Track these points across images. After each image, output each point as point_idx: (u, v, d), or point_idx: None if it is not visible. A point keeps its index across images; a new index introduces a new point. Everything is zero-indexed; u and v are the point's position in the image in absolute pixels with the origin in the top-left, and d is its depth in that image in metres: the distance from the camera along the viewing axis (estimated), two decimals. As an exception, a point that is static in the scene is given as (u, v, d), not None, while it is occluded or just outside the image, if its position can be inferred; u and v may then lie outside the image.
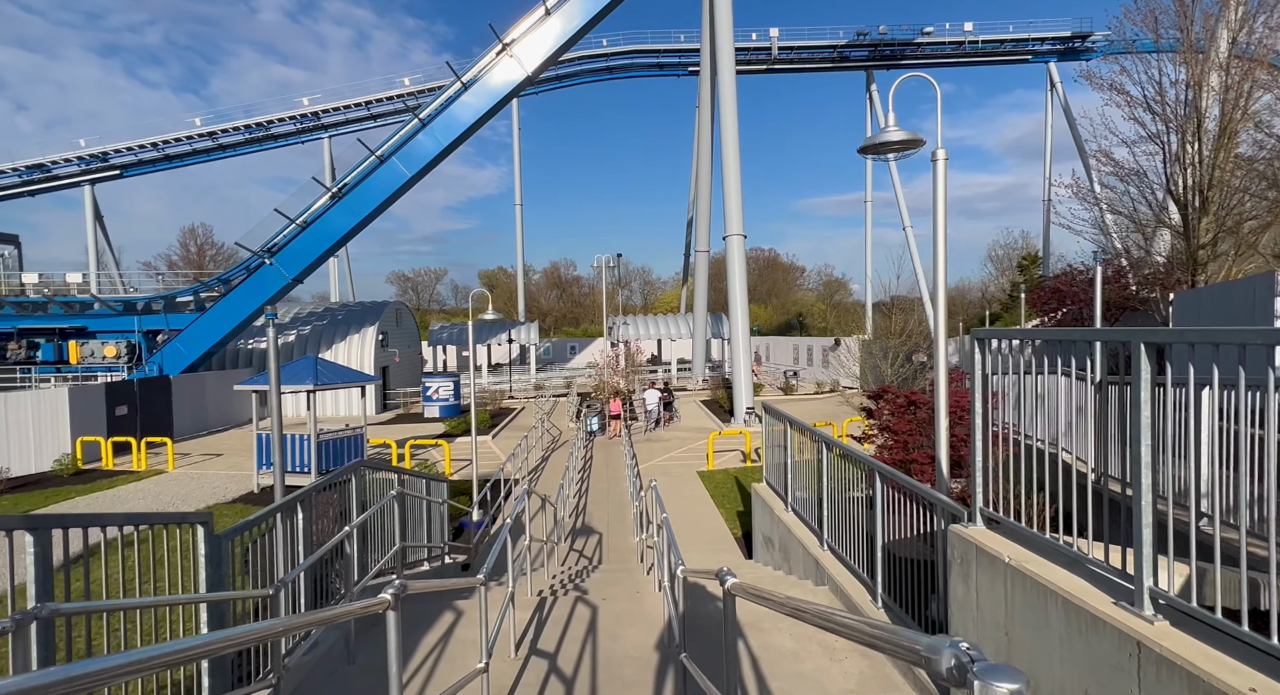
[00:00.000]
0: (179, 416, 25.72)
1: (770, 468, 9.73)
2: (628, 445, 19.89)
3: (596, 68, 49.66)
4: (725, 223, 25.75)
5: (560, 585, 7.63)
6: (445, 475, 17.40)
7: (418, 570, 8.04)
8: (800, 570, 7.47)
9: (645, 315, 57.58)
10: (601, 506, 14.15)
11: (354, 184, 28.04)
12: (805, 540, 7.37)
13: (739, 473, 16.82)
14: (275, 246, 27.87)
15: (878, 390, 8.40)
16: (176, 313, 28.38)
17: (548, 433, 24.79)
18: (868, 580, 5.72)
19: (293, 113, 46.61)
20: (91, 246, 47.03)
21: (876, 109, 50.05)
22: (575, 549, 11.39)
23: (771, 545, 8.94)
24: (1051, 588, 3.10)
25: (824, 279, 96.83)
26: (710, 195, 37.27)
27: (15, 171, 44.17)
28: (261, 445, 16.27)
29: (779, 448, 9.04)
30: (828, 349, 36.25)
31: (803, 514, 7.86)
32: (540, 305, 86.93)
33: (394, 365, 35.89)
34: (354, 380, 17.13)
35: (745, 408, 23.77)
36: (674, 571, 4.51)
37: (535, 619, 5.78)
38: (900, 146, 5.17)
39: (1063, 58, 48.56)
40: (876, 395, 8.54)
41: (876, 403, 8.59)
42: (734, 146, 25.87)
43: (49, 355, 26.60)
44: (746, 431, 18.92)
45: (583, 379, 38.04)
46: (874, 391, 8.53)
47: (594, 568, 9.84)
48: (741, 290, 24.98)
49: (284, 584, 3.95)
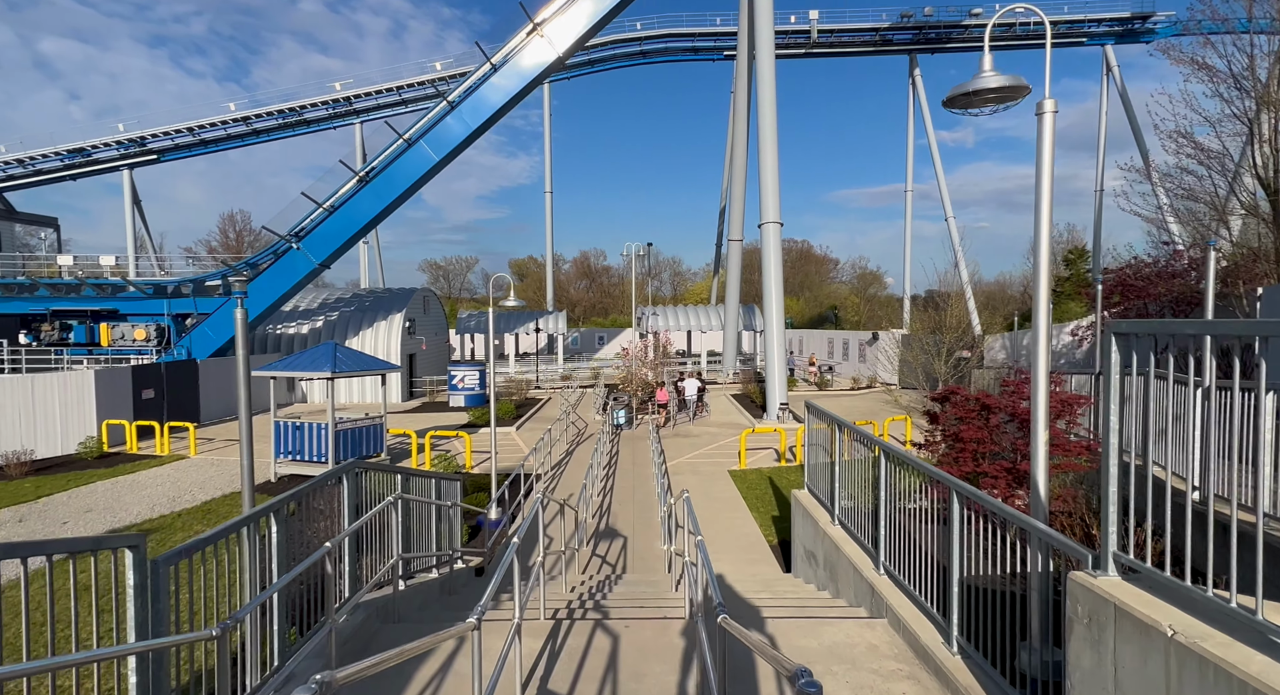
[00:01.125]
0: (206, 401, 25.63)
1: (812, 472, 8.83)
2: (655, 441, 19.08)
3: (629, 52, 48.55)
4: (761, 210, 24.67)
5: (579, 602, 6.86)
6: (465, 469, 16.80)
7: (423, 580, 7.34)
8: (850, 593, 6.58)
9: (675, 306, 56.59)
10: (627, 507, 13.38)
11: (381, 168, 27.56)
12: (856, 560, 6.48)
13: (773, 473, 15.91)
14: (302, 231, 27.58)
15: (944, 391, 7.42)
16: (205, 297, 28.31)
17: (573, 425, 24.12)
18: (938, 618, 4.82)
19: (325, 98, 46.48)
20: (130, 231, 47.63)
21: (920, 94, 48.12)
22: (598, 554, 10.63)
23: (814, 560, 8.05)
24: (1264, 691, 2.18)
25: (858, 272, 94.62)
26: (745, 183, 36.10)
27: (57, 155, 44.80)
28: (279, 434, 15.84)
29: (822, 450, 8.14)
30: (865, 343, 34.93)
31: (853, 529, 6.96)
32: (569, 295, 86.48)
33: (420, 353, 35.59)
34: (375, 368, 16.61)
35: (779, 403, 22.77)
36: (711, 607, 3.67)
37: (547, 650, 5.00)
38: (998, 96, 4.22)
39: (1121, 40, 46.07)
40: (943, 397, 7.55)
41: (942, 405, 7.60)
42: (772, 131, 24.72)
43: (81, 337, 26.72)
44: (781, 429, 17.98)
45: (610, 370, 37.33)
46: (940, 393, 7.55)
47: (617, 578, 9.06)
48: (777, 280, 23.92)
49: (235, 621, 3.20)
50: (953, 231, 45.16)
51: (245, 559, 4.25)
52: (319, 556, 4.19)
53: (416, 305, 35.74)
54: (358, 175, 27.51)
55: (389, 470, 6.74)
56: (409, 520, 6.90)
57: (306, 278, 28.08)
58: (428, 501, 7.23)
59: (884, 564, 6.01)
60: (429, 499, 7.32)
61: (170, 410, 23.57)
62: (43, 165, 44.82)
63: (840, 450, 7.45)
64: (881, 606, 5.67)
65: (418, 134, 27.42)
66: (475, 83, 27.33)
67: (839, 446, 7.47)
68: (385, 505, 5.63)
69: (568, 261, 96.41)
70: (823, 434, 8.29)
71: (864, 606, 6.15)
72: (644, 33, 47.28)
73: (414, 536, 7.26)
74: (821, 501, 8.20)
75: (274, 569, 4.28)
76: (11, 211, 34.58)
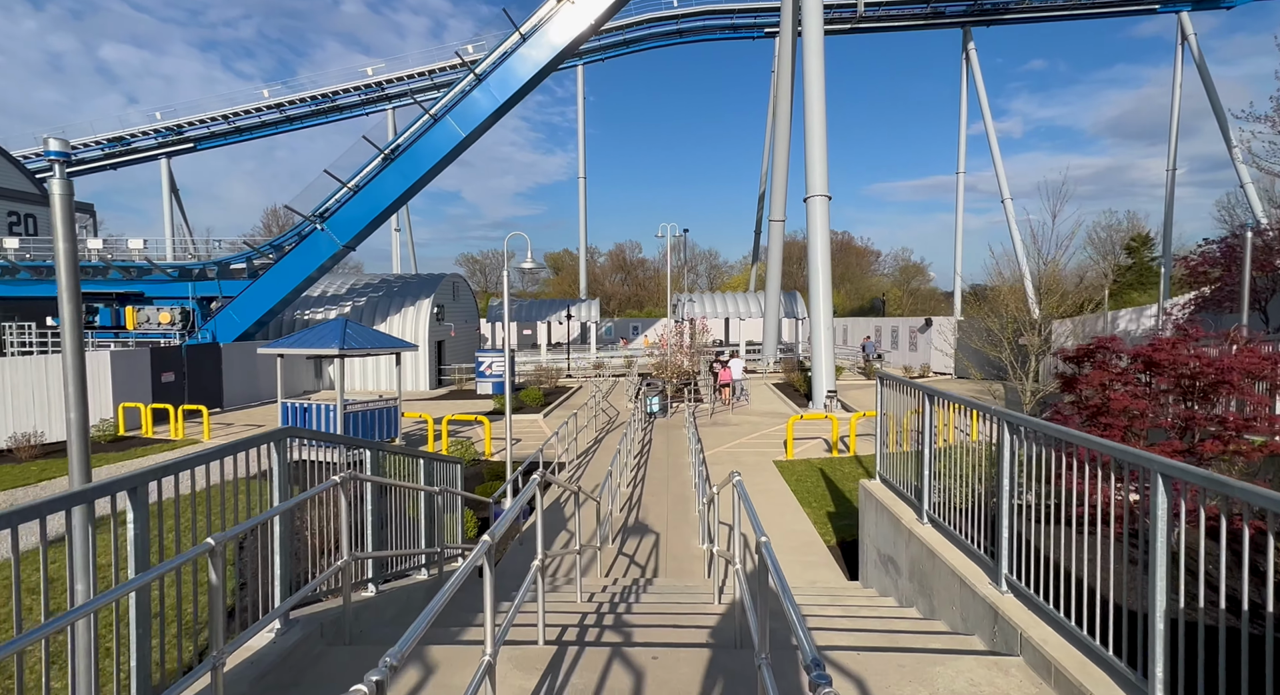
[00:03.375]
0: (229, 385, 24.96)
1: (889, 460, 7.17)
2: (691, 429, 17.51)
3: (665, 31, 46.81)
4: (807, 183, 22.81)
5: (596, 617, 5.36)
6: (485, 456, 15.49)
7: (409, 583, 5.92)
8: (953, 614, 4.94)
9: (712, 293, 54.79)
10: (660, 499, 11.86)
11: (406, 145, 26.50)
12: (963, 571, 4.83)
13: (824, 465, 14.20)
14: (326, 211, 26.71)
15: (1088, 347, 5.59)
16: (230, 279, 27.69)
17: (604, 412, 22.70)
18: (1125, 670, 3.17)
19: (357, 83, 45.95)
20: (167, 220, 47.94)
21: (974, 70, 45.30)
22: (625, 553, 9.13)
23: (893, 567, 6.41)
24: None
25: (900, 264, 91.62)
26: (789, 159, 34.13)
27: (98, 144, 45.27)
28: (285, 417, 14.73)
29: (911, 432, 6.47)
30: (916, 331, 32.66)
31: (955, 530, 5.30)
32: (605, 288, 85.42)
33: (450, 340, 34.62)
34: (388, 346, 15.39)
35: (826, 390, 20.96)
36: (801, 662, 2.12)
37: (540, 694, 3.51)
38: None
39: (1198, 6, 42.57)
40: (1083, 355, 5.69)
41: (1080, 366, 5.77)
42: (819, 100, 22.80)
43: (106, 320, 26.33)
44: (833, 416, 16.21)
45: (644, 359, 35.83)
46: (1079, 350, 5.72)
47: (647, 583, 7.54)
48: (824, 257, 22.07)
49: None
50: (1009, 212, 42.41)
51: (81, 561, 2.85)
52: (184, 560, 2.75)
53: (445, 291, 34.77)
54: (382, 153, 26.51)
55: (349, 443, 5.34)
56: (381, 509, 5.49)
57: (331, 260, 27.22)
58: (409, 486, 5.79)
59: (1009, 578, 4.36)
60: (411, 483, 5.88)
61: (191, 394, 22.89)
62: (84, 155, 45.31)
63: (931, 430, 5.80)
64: (1012, 638, 4.03)
65: (444, 109, 26.28)
66: (503, 54, 26.06)
67: (929, 425, 5.82)
68: (326, 487, 4.19)
69: (603, 254, 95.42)
70: (902, 407, 6.64)
71: (979, 634, 4.51)
72: (681, 10, 45.51)
73: (394, 530, 5.86)
74: (903, 494, 6.55)
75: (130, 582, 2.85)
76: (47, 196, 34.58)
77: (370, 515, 5.38)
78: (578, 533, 7.31)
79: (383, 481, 5.35)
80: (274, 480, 4.17)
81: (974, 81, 45.50)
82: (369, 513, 5.38)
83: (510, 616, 3.63)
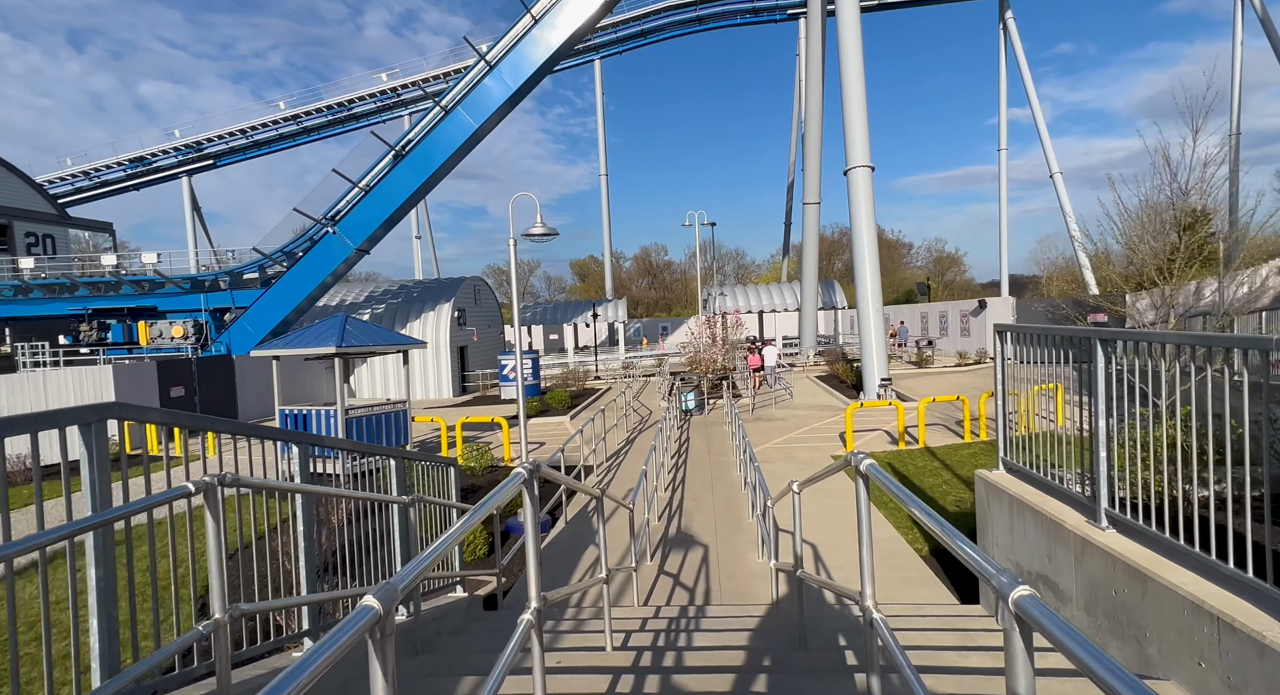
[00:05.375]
0: (245, 398, 23.85)
1: (1020, 442, 5.31)
2: (733, 424, 15.69)
3: (684, 19, 45.17)
4: (847, 155, 20.87)
5: (634, 674, 3.63)
6: (504, 461, 13.87)
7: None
8: (1201, 673, 3.10)
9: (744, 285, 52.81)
10: (704, 505, 10.09)
11: (418, 139, 25.26)
12: (1218, 605, 2.99)
13: (891, 459, 12.26)
14: (338, 214, 25.59)
15: None
16: (243, 289, 26.71)
17: (635, 412, 20.99)
18: None
19: (372, 90, 45.24)
20: (190, 238, 47.77)
21: (1014, 40, 42.71)
22: (667, 572, 7.38)
23: (1048, 591, 4.54)
24: None
25: (934, 255, 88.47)
26: (821, 140, 32.14)
27: (120, 165, 45.27)
28: (283, 425, 13.30)
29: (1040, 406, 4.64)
30: (968, 315, 30.29)
31: (1178, 537, 3.45)
32: (631, 293, 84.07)
33: (473, 345, 33.29)
34: (392, 342, 13.89)
35: (880, 379, 18.94)
36: None
37: None
38: None
39: (1257, -45, 39.43)
40: None
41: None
42: (857, 63, 20.86)
43: (119, 336, 25.51)
44: (898, 404, 14.22)
45: (675, 358, 34.07)
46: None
47: (699, 613, 5.78)
48: (869, 232, 20.11)
49: None
50: (1059, 187, 39.72)
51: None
52: None
53: (467, 295, 33.46)
54: (393, 150, 25.31)
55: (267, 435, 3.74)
56: (363, 524, 3.86)
57: (345, 264, 26.08)
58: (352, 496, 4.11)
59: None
60: (359, 493, 4.20)
61: (204, 408, 21.78)
62: (107, 177, 45.37)
63: (1110, 389, 3.97)
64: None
65: (454, 100, 24.99)
66: (515, 38, 24.68)
67: (1104, 383, 3.99)
68: (170, 497, 2.55)
69: (629, 259, 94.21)
70: (1027, 374, 4.81)
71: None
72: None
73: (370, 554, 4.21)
74: (1057, 488, 4.68)
75: None
76: (65, 217, 34.35)
77: (302, 541, 3.74)
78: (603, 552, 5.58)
79: (308, 490, 3.69)
80: (87, 485, 2.56)
81: (1014, 52, 42.90)
82: (301, 537, 3.75)
83: (499, 673, 1.91)
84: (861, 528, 2.70)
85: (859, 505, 2.66)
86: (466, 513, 2.06)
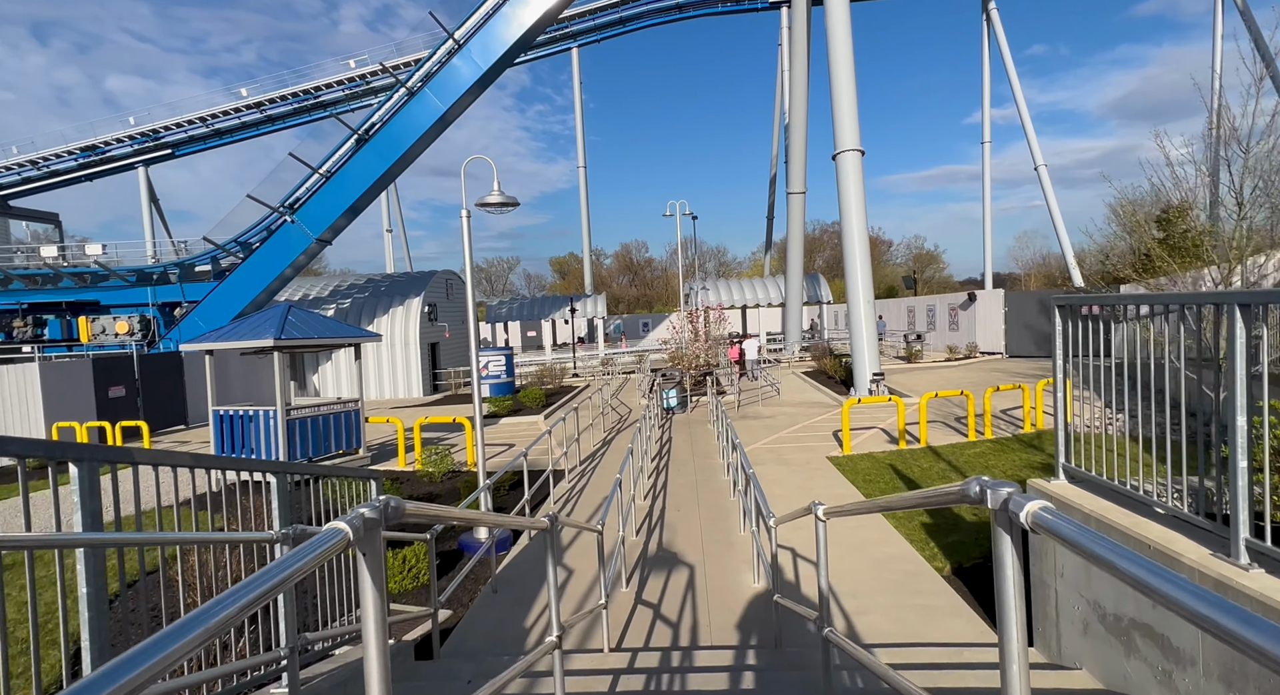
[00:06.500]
0: (194, 399, 22.23)
1: (1090, 445, 4.20)
2: (718, 424, 14.55)
3: (664, 6, 43.91)
4: (836, 139, 19.86)
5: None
6: (467, 466, 12.58)
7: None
8: None
9: (726, 279, 51.80)
10: (688, 515, 8.91)
11: (382, 123, 23.77)
12: None
13: (892, 460, 11.19)
14: (296, 202, 24.03)
15: None
16: (194, 282, 25.03)
17: (614, 410, 19.80)
18: None
19: (340, 77, 43.35)
20: (148, 230, 45.54)
21: (996, 30, 42.08)
22: (646, 600, 6.18)
23: (1154, 646, 3.39)
24: None
25: (914, 252, 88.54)
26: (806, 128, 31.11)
27: (71, 154, 42.90)
28: (218, 428, 11.89)
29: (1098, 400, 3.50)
30: (957, 308, 29.48)
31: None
32: (612, 291, 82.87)
33: (444, 342, 31.80)
34: (341, 335, 12.52)
35: (871, 374, 17.93)
36: None
37: None
38: None
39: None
40: None
41: None
42: (846, 45, 19.82)
43: (56, 333, 23.73)
44: (898, 399, 13.16)
45: (656, 354, 32.91)
46: None
47: (684, 660, 4.58)
48: (859, 218, 19.08)
49: None
50: (1044, 180, 39.19)
51: None
52: None
53: (438, 288, 31.95)
54: (355, 133, 23.81)
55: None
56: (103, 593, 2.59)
57: (304, 255, 24.51)
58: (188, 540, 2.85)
59: None
60: (188, 536, 2.98)
61: (147, 409, 20.19)
62: (57, 166, 42.98)
63: (1246, 377, 2.85)
64: None
65: (420, 80, 23.55)
66: (485, 15, 23.29)
67: (1241, 368, 2.87)
68: None
69: (609, 256, 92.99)
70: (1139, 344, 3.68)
71: None
72: (680, -18, 42.69)
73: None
74: (1155, 507, 3.55)
75: None
76: (6, 208, 32.25)
77: (86, 611, 2.48)
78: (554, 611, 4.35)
79: (90, 541, 2.45)
80: None
81: (997, 44, 42.27)
82: (84, 604, 2.49)
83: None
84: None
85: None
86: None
